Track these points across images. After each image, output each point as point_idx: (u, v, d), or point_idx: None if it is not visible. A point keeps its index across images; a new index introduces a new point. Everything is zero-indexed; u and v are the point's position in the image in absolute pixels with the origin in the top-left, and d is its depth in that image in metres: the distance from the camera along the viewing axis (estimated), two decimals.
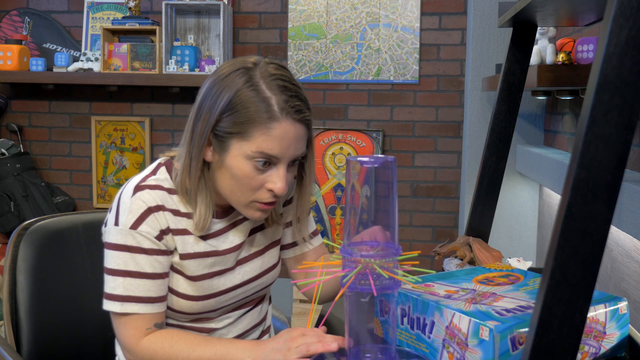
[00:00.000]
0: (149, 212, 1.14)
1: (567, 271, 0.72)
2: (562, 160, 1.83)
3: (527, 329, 0.85)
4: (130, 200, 1.15)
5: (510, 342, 0.88)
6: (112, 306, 1.14)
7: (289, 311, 3.00)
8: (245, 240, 1.26)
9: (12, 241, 1.39)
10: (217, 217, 1.22)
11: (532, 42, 1.64)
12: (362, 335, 1.00)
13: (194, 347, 1.13)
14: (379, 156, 0.95)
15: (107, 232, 1.17)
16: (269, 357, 1.07)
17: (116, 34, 3.16)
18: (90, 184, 3.33)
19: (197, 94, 1.17)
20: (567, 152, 2.12)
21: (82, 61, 3.14)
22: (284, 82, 1.11)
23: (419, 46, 3.05)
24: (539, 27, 1.69)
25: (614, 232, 1.51)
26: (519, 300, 0.99)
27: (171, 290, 1.19)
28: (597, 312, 0.96)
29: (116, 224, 1.15)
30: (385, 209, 0.96)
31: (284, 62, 2.99)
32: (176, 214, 1.17)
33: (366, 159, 0.94)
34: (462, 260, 1.52)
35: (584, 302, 0.73)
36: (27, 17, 3.29)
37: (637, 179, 1.35)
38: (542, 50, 1.70)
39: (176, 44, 3.09)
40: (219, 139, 1.12)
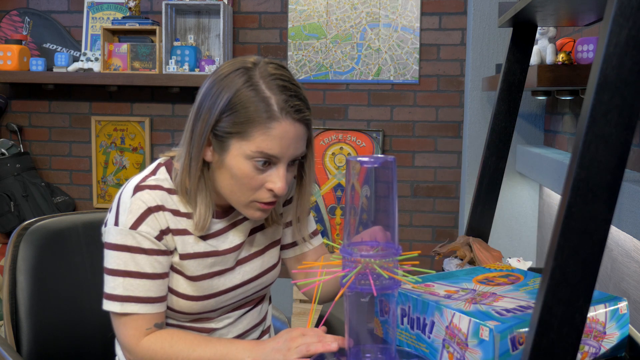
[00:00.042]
0: (148, 212, 1.14)
1: (567, 271, 0.72)
2: (562, 160, 1.83)
3: (527, 329, 0.85)
4: (130, 200, 1.15)
5: (510, 342, 0.88)
6: (112, 306, 1.14)
7: (289, 311, 3.00)
8: (245, 240, 1.26)
9: (12, 241, 1.39)
10: (217, 217, 1.22)
11: (532, 42, 1.64)
12: (362, 335, 1.00)
13: (194, 347, 1.13)
14: (379, 156, 0.95)
15: (107, 232, 1.17)
16: (269, 357, 1.07)
17: (116, 34, 3.16)
18: (90, 184, 3.33)
19: (196, 94, 1.17)
20: (567, 152, 2.12)
21: (82, 61, 3.14)
22: (284, 81, 1.11)
23: (419, 46, 3.05)
24: (539, 27, 1.69)
25: (614, 232, 1.51)
26: (519, 300, 0.99)
27: (171, 290, 1.19)
28: (597, 312, 0.96)
29: (116, 224, 1.15)
30: (385, 209, 0.96)
31: (283, 62, 2.99)
32: (176, 214, 1.17)
33: (366, 159, 0.94)
34: (462, 260, 1.52)
35: (584, 302, 0.73)
36: (27, 17, 3.29)
37: (637, 179, 1.35)
38: (542, 50, 1.70)
39: (176, 44, 3.09)
40: (218, 139, 1.12)
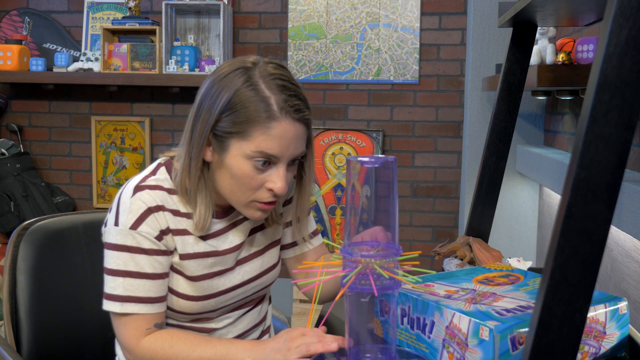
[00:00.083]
0: (148, 212, 1.14)
1: (567, 271, 0.72)
2: (562, 160, 1.83)
3: (527, 329, 0.85)
4: (130, 200, 1.15)
5: (510, 342, 0.88)
6: (112, 306, 1.14)
7: (289, 311, 3.00)
8: (245, 240, 1.26)
9: (12, 241, 1.39)
10: (217, 217, 1.22)
11: (532, 42, 1.64)
12: (362, 335, 1.00)
13: (194, 347, 1.13)
14: (380, 156, 0.95)
15: (107, 232, 1.17)
16: (269, 357, 1.07)
17: (116, 34, 3.16)
18: (90, 184, 3.33)
19: (196, 94, 1.17)
20: (567, 152, 2.12)
21: (82, 61, 3.14)
22: (283, 81, 1.11)
23: (419, 46, 3.05)
24: (539, 27, 1.69)
25: (614, 232, 1.51)
26: (519, 300, 0.99)
27: (171, 290, 1.19)
28: (597, 312, 0.96)
29: (116, 224, 1.15)
30: (385, 209, 0.96)
31: (283, 62, 2.99)
32: (176, 214, 1.17)
33: (367, 159, 0.94)
34: (462, 260, 1.52)
35: (584, 302, 0.73)
36: (27, 17, 3.29)
37: (637, 179, 1.35)
38: (542, 50, 1.70)
39: (176, 44, 3.09)
40: (218, 139, 1.12)
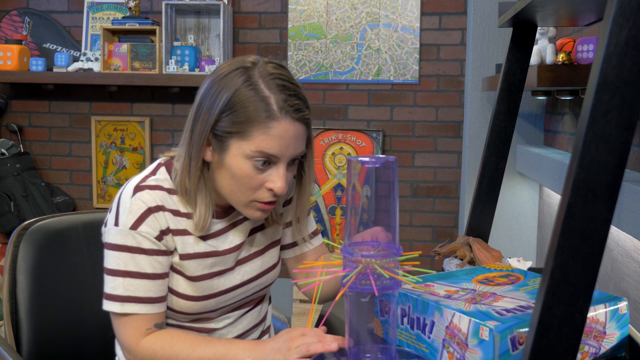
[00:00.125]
0: (148, 212, 1.14)
1: (567, 271, 0.72)
2: (562, 160, 1.83)
3: (527, 329, 0.85)
4: (130, 200, 1.15)
5: (510, 342, 0.88)
6: (112, 306, 1.14)
7: (289, 311, 3.00)
8: (245, 240, 1.26)
9: (12, 241, 1.39)
10: (217, 217, 1.22)
11: (532, 42, 1.64)
12: (362, 335, 1.00)
13: (194, 347, 1.13)
14: (380, 156, 0.95)
15: (107, 233, 1.17)
16: (269, 357, 1.07)
17: (116, 34, 3.16)
18: (90, 184, 3.33)
19: (196, 94, 1.17)
20: (567, 152, 2.12)
21: (82, 61, 3.14)
22: (283, 81, 1.11)
23: (419, 46, 3.05)
24: (539, 27, 1.69)
25: (614, 232, 1.51)
26: (519, 300, 0.99)
27: (171, 290, 1.19)
28: (597, 312, 0.96)
29: (116, 224, 1.15)
30: (386, 209, 0.96)
31: (283, 62, 2.99)
32: (176, 214, 1.17)
33: (367, 159, 0.94)
34: (462, 260, 1.52)
35: (584, 302, 0.73)
36: (27, 17, 3.29)
37: (637, 179, 1.35)
38: (542, 50, 1.70)
39: (176, 44, 3.08)
40: (218, 139, 1.12)
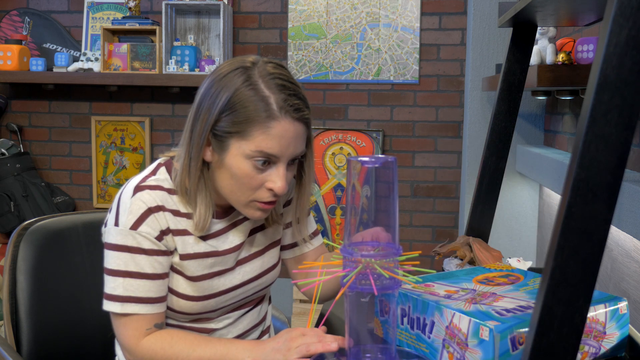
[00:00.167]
0: (149, 212, 1.14)
1: (567, 271, 0.72)
2: (562, 160, 1.83)
3: (527, 329, 0.85)
4: (130, 200, 1.15)
5: (510, 342, 0.88)
6: (112, 307, 1.14)
7: (289, 311, 3.00)
8: (245, 240, 1.26)
9: (12, 241, 1.39)
10: (217, 217, 1.22)
11: (532, 42, 1.64)
12: (362, 335, 1.00)
13: (194, 347, 1.13)
14: (380, 156, 0.95)
15: (107, 233, 1.17)
16: (269, 357, 1.07)
17: (116, 34, 3.16)
18: (90, 184, 3.33)
19: (195, 94, 1.17)
20: (567, 152, 2.12)
21: (82, 61, 3.14)
22: (283, 80, 1.11)
23: (419, 46, 3.05)
24: (539, 27, 1.69)
25: (614, 232, 1.51)
26: (519, 300, 0.99)
27: (171, 290, 1.19)
28: (597, 312, 0.96)
29: (116, 224, 1.14)
30: (385, 209, 0.96)
31: (283, 61, 2.99)
32: (176, 214, 1.17)
33: (367, 159, 0.94)
34: (462, 260, 1.51)
35: (584, 302, 0.73)
36: (27, 17, 3.29)
37: (637, 179, 1.35)
38: (542, 50, 1.70)
39: (176, 44, 3.08)
40: (218, 139, 1.12)
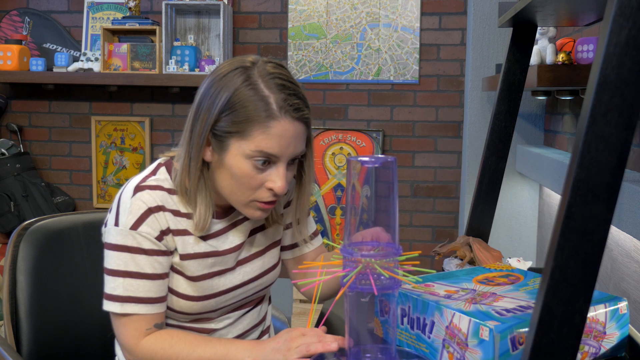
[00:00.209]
0: (149, 212, 1.14)
1: (567, 271, 0.72)
2: (562, 160, 1.83)
3: (527, 329, 0.85)
4: (130, 200, 1.15)
5: (510, 342, 0.88)
6: (112, 307, 1.14)
7: (289, 311, 3.00)
8: (245, 240, 1.26)
9: (12, 241, 1.39)
10: (217, 217, 1.22)
11: (532, 42, 1.64)
12: (362, 335, 1.00)
13: (194, 347, 1.13)
14: (380, 156, 0.95)
15: (107, 233, 1.17)
16: (269, 357, 1.07)
17: (116, 34, 3.16)
18: (90, 184, 3.33)
19: (195, 94, 1.17)
20: (567, 152, 2.12)
21: (82, 61, 3.14)
22: (282, 80, 1.11)
23: (419, 46, 3.05)
24: (539, 27, 1.69)
25: (614, 232, 1.51)
26: (519, 300, 0.99)
27: (171, 290, 1.19)
28: (597, 312, 0.96)
29: (116, 224, 1.14)
30: (385, 209, 0.96)
31: (283, 61, 2.99)
32: (176, 214, 1.17)
33: (367, 159, 0.94)
34: (462, 260, 1.51)
35: (584, 302, 0.73)
36: (27, 17, 3.29)
37: (637, 179, 1.35)
38: (542, 50, 1.70)
39: (176, 44, 3.08)
40: (218, 139, 1.12)
